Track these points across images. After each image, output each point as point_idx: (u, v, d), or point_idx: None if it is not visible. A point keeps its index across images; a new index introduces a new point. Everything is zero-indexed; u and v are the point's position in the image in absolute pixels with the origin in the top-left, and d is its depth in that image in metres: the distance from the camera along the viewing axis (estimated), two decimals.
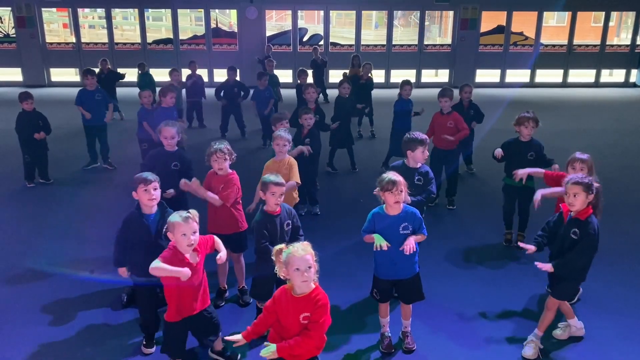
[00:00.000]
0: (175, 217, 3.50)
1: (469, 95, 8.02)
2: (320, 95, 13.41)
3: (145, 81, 11.67)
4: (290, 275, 3.07)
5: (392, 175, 3.84)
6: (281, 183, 4.07)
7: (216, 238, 3.84)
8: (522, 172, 5.12)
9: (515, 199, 5.92)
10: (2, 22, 17.03)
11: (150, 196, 3.91)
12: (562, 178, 4.68)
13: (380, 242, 3.77)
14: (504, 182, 5.95)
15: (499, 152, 5.80)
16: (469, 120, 8.03)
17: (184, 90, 11.17)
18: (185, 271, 3.47)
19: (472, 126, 8.01)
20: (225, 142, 4.72)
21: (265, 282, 4.08)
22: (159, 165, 5.10)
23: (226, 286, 4.86)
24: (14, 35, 16.76)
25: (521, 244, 4.17)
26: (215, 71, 17.04)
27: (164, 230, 3.66)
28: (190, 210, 3.57)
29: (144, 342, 4.14)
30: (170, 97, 7.64)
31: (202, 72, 16.62)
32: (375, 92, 11.17)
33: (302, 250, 3.05)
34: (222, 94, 10.57)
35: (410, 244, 3.77)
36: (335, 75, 16.19)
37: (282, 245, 3.18)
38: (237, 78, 10.91)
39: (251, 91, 10.38)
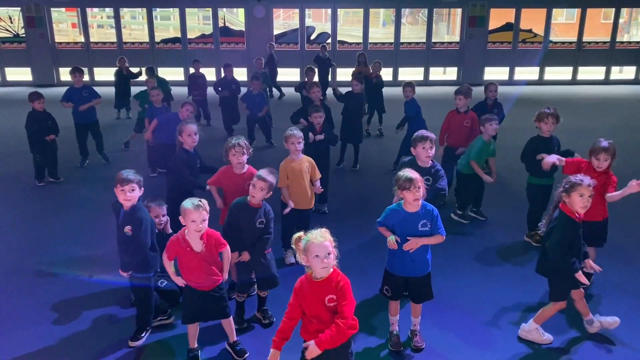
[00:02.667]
0: (188, 204, 3.65)
1: (494, 94, 7.97)
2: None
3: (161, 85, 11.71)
4: (310, 262, 3.08)
5: (408, 172, 3.83)
6: (268, 180, 4.21)
7: (226, 252, 3.91)
8: (549, 159, 4.98)
9: (543, 197, 5.74)
10: (11, 22, 17.15)
11: (125, 197, 3.99)
12: (582, 164, 4.71)
13: (391, 239, 3.81)
14: (529, 182, 5.84)
15: (551, 160, 5.19)
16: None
17: (186, 88, 11.36)
18: (179, 281, 3.87)
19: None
20: (242, 137, 4.87)
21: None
22: (190, 167, 5.36)
23: None
24: (24, 35, 16.88)
25: None
26: (223, 70, 17.05)
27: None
28: (201, 200, 3.70)
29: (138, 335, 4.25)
30: (186, 110, 7.45)
31: (210, 71, 16.74)
32: (383, 90, 11.13)
33: (321, 237, 3.08)
34: (219, 89, 10.66)
35: (411, 245, 3.81)
36: (341, 74, 16.17)
37: (301, 233, 3.19)
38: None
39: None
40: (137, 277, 4.11)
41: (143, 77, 12.44)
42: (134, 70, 12.68)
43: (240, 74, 16.75)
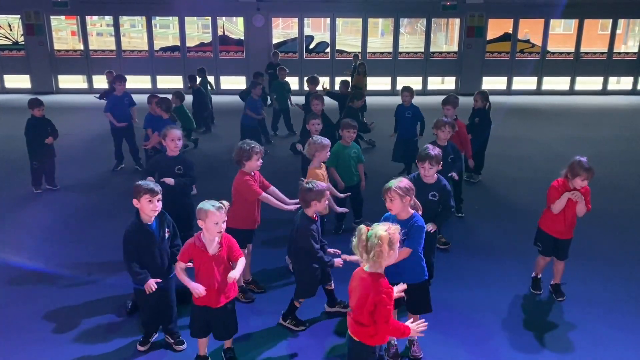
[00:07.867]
0: (208, 205, 3.62)
1: (480, 103, 8.04)
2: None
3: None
4: (390, 255, 3.12)
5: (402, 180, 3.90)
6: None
7: (241, 261, 3.86)
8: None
9: None
10: (11, 30, 17.19)
11: (154, 207, 3.94)
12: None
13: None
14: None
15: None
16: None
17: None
18: (199, 289, 3.68)
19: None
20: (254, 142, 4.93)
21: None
22: (163, 171, 5.26)
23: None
24: (23, 43, 16.90)
25: None
26: (222, 78, 17.12)
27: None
28: (222, 202, 3.71)
29: (140, 340, 4.24)
30: (155, 104, 7.82)
31: (209, 79, 16.74)
32: (381, 100, 11.13)
33: (394, 228, 3.16)
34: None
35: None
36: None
37: (362, 226, 3.20)
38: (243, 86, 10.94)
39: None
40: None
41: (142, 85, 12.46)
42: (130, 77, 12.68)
43: (239, 82, 16.85)
